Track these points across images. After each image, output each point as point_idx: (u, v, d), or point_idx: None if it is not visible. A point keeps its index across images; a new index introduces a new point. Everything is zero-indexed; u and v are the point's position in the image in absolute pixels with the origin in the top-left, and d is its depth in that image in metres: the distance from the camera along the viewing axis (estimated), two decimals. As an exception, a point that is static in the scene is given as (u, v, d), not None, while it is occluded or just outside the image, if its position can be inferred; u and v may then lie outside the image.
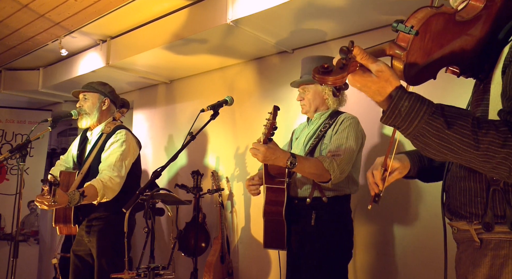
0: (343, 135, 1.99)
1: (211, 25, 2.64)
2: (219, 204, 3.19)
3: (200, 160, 3.66)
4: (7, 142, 4.82)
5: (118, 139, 2.44)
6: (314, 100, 2.13)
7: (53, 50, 3.51)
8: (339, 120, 2.05)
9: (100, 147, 2.47)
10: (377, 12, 2.38)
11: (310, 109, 2.15)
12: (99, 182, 2.26)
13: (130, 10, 2.85)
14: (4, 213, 4.68)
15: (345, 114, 2.10)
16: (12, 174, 4.78)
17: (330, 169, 1.87)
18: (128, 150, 2.44)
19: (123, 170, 2.38)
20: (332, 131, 2.03)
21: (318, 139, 2.07)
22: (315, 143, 2.06)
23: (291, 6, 2.30)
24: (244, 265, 3.24)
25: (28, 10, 2.79)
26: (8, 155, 2.32)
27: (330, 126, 2.06)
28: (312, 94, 2.13)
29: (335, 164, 1.88)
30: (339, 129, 2.01)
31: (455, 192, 1.05)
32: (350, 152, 1.95)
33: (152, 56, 3.23)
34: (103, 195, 2.27)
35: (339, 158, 1.91)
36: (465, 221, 1.01)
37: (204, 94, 3.68)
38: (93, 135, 2.59)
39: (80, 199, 2.15)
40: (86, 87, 2.59)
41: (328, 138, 2.03)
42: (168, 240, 3.71)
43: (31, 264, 4.72)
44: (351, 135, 1.99)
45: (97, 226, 2.42)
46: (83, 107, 2.53)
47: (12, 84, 4.24)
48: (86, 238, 2.44)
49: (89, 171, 2.45)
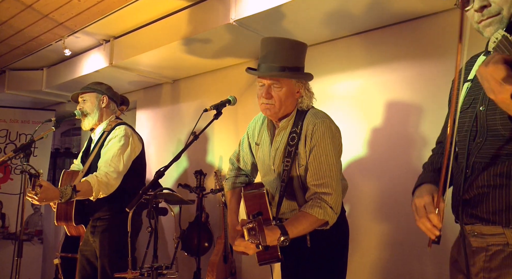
0: (320, 153, 1.62)
1: (214, 25, 2.64)
2: (222, 203, 3.19)
3: (203, 160, 3.66)
4: (11, 142, 4.84)
5: (117, 135, 2.42)
6: (286, 99, 1.68)
7: (57, 50, 3.52)
8: (308, 129, 1.66)
9: (101, 145, 2.47)
10: (382, 11, 2.38)
11: (278, 112, 1.71)
12: (93, 178, 2.24)
13: (133, 10, 2.86)
14: (8, 213, 4.71)
15: (312, 116, 1.69)
16: (16, 174, 4.80)
17: (327, 217, 1.59)
18: (126, 144, 2.40)
19: (121, 165, 2.33)
20: (304, 147, 1.66)
21: (291, 159, 1.68)
22: (289, 166, 1.68)
23: (294, 5, 2.29)
24: (247, 265, 3.24)
25: (32, 11, 2.80)
26: (12, 154, 2.33)
27: (299, 138, 1.68)
28: (285, 92, 1.68)
29: (329, 209, 1.58)
30: (314, 146, 1.64)
31: (487, 198, 1.08)
32: (336, 173, 1.64)
33: (155, 56, 3.23)
34: (98, 190, 2.24)
35: (331, 198, 1.59)
36: (500, 226, 1.06)
37: (207, 94, 3.68)
38: (96, 134, 2.59)
39: (73, 194, 2.13)
40: (82, 89, 2.61)
41: (303, 158, 1.67)
42: (171, 240, 3.71)
43: (35, 264, 4.74)
44: (329, 148, 1.63)
45: (100, 227, 2.42)
46: (84, 108, 2.54)
47: (16, 84, 4.26)
48: (91, 238, 2.45)
49: (90, 168, 2.44)
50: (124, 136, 2.41)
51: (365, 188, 2.58)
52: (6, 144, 4.82)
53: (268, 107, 1.71)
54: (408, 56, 2.47)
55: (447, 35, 2.27)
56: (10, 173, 4.79)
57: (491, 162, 1.07)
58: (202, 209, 3.21)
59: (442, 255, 2.17)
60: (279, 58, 1.67)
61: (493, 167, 1.07)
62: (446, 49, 2.29)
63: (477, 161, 1.11)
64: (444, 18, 2.30)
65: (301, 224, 1.58)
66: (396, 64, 2.52)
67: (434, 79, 2.32)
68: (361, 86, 2.68)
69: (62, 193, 2.11)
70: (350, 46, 2.75)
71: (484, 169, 1.09)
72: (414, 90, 2.43)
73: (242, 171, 2.05)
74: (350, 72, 2.74)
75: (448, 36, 2.26)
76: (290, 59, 1.68)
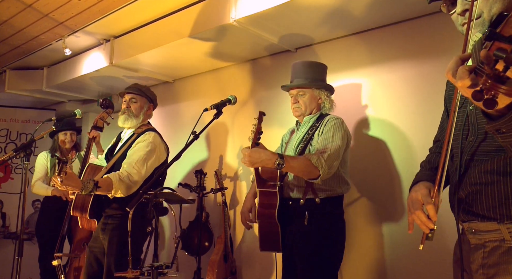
0: (328, 134, 2.04)
1: (214, 25, 2.64)
2: (223, 203, 3.19)
3: (204, 159, 3.66)
4: (12, 141, 4.85)
5: (145, 139, 2.47)
6: (310, 103, 2.18)
7: (57, 49, 3.52)
8: (324, 121, 2.12)
9: (129, 145, 2.51)
10: (382, 11, 2.37)
11: (305, 113, 2.20)
12: (115, 176, 2.28)
13: (134, 9, 2.86)
14: (8, 212, 4.71)
15: (330, 116, 2.17)
16: (16, 173, 4.81)
17: (318, 165, 1.91)
18: (153, 151, 2.45)
19: (144, 170, 2.38)
20: (318, 133, 2.09)
21: (307, 142, 2.12)
22: (304, 146, 2.11)
23: (294, 5, 2.29)
24: (248, 264, 3.25)
25: (32, 10, 2.80)
26: (12, 154, 2.34)
27: (317, 128, 2.12)
28: (308, 98, 2.18)
29: (322, 160, 1.92)
30: (325, 130, 2.07)
31: (481, 196, 1.09)
32: (337, 148, 2.00)
33: (155, 56, 3.23)
34: (117, 189, 2.27)
35: (326, 154, 1.95)
36: (495, 222, 1.06)
37: (208, 94, 3.68)
38: (126, 134, 2.64)
39: (94, 189, 2.17)
40: (136, 90, 2.63)
41: (315, 140, 2.08)
42: (171, 239, 3.72)
43: (35, 263, 4.74)
44: (337, 134, 2.04)
45: (111, 224, 2.45)
46: (131, 108, 2.57)
47: (17, 83, 4.26)
48: (101, 236, 2.48)
49: (114, 165, 2.48)
50: (152, 143, 2.46)
51: (364, 187, 2.58)
52: (7, 143, 4.82)
53: (296, 110, 2.21)
54: (408, 55, 2.47)
55: (447, 34, 2.27)
56: (11, 172, 4.79)
57: (482, 159, 1.09)
58: (202, 208, 3.21)
59: (439, 254, 2.17)
60: (301, 74, 2.19)
61: (483, 164, 1.09)
62: (446, 48, 2.29)
63: (469, 159, 1.13)
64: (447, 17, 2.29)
65: (297, 160, 1.95)
66: (397, 63, 2.52)
67: (434, 78, 2.32)
68: (363, 85, 2.68)
69: (84, 185, 2.14)
70: (350, 45, 2.75)
71: (475, 166, 1.11)
72: (414, 89, 2.43)
73: None
74: (350, 71, 2.74)
75: (449, 35, 2.26)
76: (310, 74, 2.18)
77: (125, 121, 2.57)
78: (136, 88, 2.64)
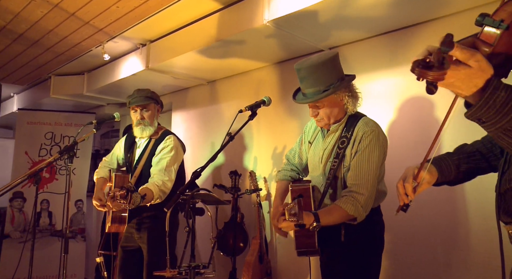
0: (363, 157, 1.78)
1: (247, 27, 2.65)
2: (257, 204, 3.19)
3: (238, 160, 3.68)
4: (56, 144, 5.09)
5: (168, 145, 2.61)
6: (332, 112, 1.88)
7: (97, 55, 3.66)
8: (358, 135, 1.82)
9: (150, 152, 2.64)
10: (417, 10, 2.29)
11: (329, 122, 1.91)
12: (155, 186, 2.40)
13: (169, 14, 2.92)
14: (54, 211, 4.95)
15: (363, 125, 1.84)
16: (60, 174, 5.04)
17: (356, 214, 1.74)
18: (176, 155, 2.60)
19: (173, 174, 2.54)
20: (351, 150, 1.83)
21: (339, 160, 1.85)
22: (336, 166, 1.86)
23: (328, 5, 2.26)
24: (283, 265, 3.23)
25: (75, 18, 2.93)
26: (57, 156, 2.45)
27: (348, 142, 1.85)
28: (328, 106, 1.87)
29: (360, 208, 1.73)
30: (359, 150, 1.80)
31: None
32: (373, 178, 1.78)
33: (190, 59, 3.29)
34: (157, 197, 2.41)
35: (363, 198, 1.74)
36: None
37: (242, 95, 3.70)
38: (142, 140, 2.72)
39: (140, 201, 2.28)
40: (143, 99, 2.64)
41: (348, 160, 1.83)
42: (207, 240, 3.77)
43: (79, 260, 4.96)
44: (373, 156, 1.79)
45: (147, 223, 2.57)
46: (145, 118, 2.64)
47: (60, 89, 4.48)
48: (136, 235, 2.58)
49: (141, 174, 2.62)
50: (174, 147, 2.61)
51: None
52: (52, 145, 5.07)
53: (319, 121, 1.93)
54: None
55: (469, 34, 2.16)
56: (56, 174, 5.03)
57: None
58: (237, 209, 3.23)
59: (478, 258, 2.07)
60: (312, 83, 1.83)
61: None
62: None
63: None
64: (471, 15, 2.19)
65: (332, 215, 1.75)
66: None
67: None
68: (399, 83, 2.60)
69: (134, 200, 2.23)
70: (387, 44, 2.68)
71: None
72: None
73: (294, 167, 2.18)
74: (385, 70, 2.66)
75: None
76: (322, 79, 1.82)
77: (142, 132, 2.66)
78: (143, 97, 2.65)
